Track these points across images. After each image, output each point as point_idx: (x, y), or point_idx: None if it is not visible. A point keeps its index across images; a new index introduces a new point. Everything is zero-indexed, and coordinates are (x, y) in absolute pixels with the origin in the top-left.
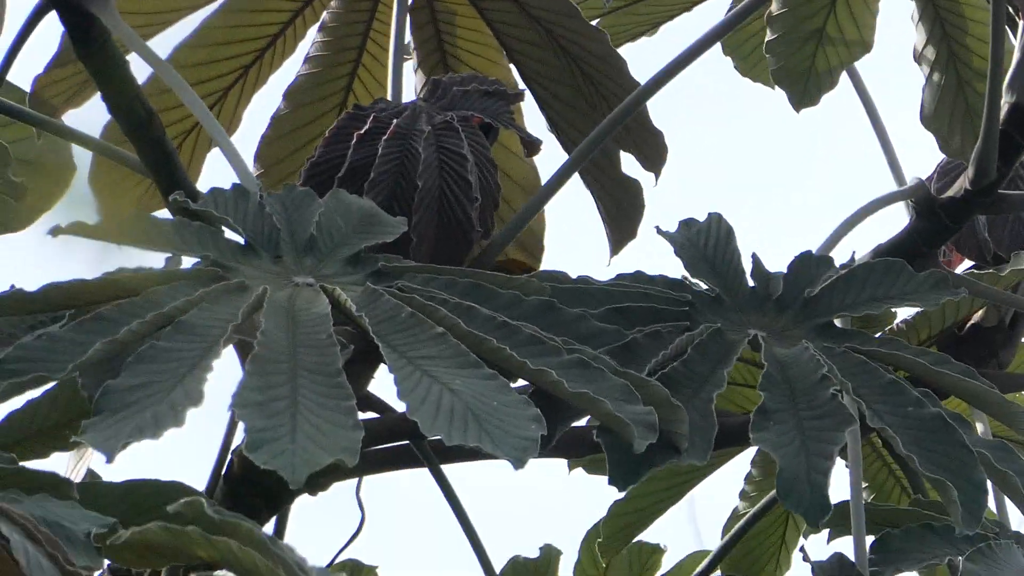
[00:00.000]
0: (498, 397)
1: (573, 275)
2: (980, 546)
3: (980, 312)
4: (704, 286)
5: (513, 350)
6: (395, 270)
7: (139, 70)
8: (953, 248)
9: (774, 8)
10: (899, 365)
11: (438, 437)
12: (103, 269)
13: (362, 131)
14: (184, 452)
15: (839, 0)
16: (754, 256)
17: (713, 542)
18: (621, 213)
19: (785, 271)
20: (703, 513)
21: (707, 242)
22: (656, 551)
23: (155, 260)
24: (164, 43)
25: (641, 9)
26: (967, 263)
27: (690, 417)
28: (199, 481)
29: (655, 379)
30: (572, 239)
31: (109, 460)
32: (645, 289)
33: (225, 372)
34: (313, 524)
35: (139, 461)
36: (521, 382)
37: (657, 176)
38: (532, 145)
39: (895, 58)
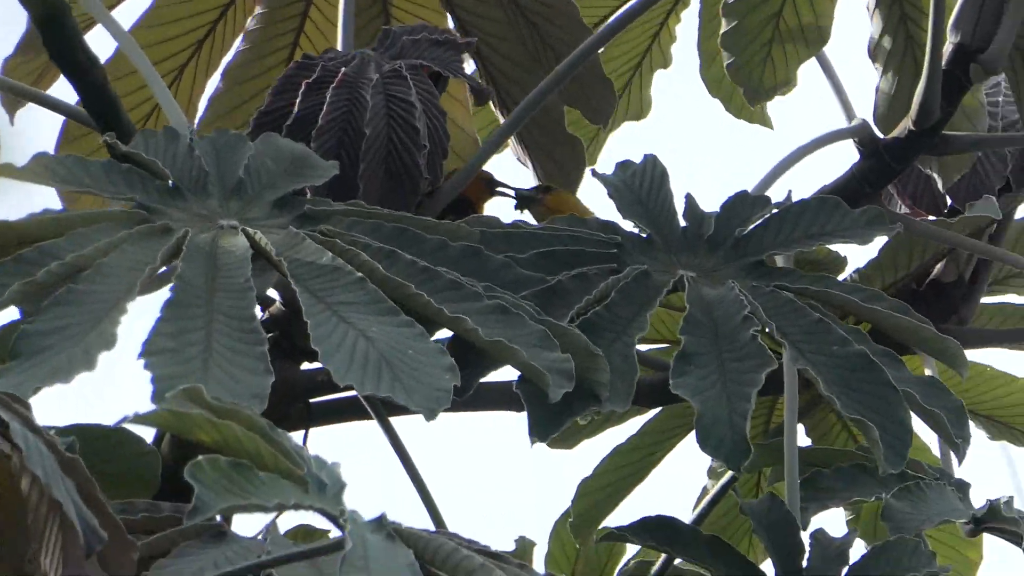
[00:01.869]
0: (413, 345)
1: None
2: (908, 484)
3: (939, 267)
4: (636, 228)
5: (432, 296)
6: (321, 213)
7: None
8: (910, 202)
9: None
10: (829, 301)
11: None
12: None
13: (310, 80)
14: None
15: None
16: (688, 196)
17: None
18: (562, 173)
19: (718, 210)
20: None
21: (641, 184)
22: None
23: None
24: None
25: None
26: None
27: (612, 362)
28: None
29: (577, 324)
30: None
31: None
32: (575, 232)
33: None
34: None
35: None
36: (443, 333)
37: (604, 127)
38: (481, 94)
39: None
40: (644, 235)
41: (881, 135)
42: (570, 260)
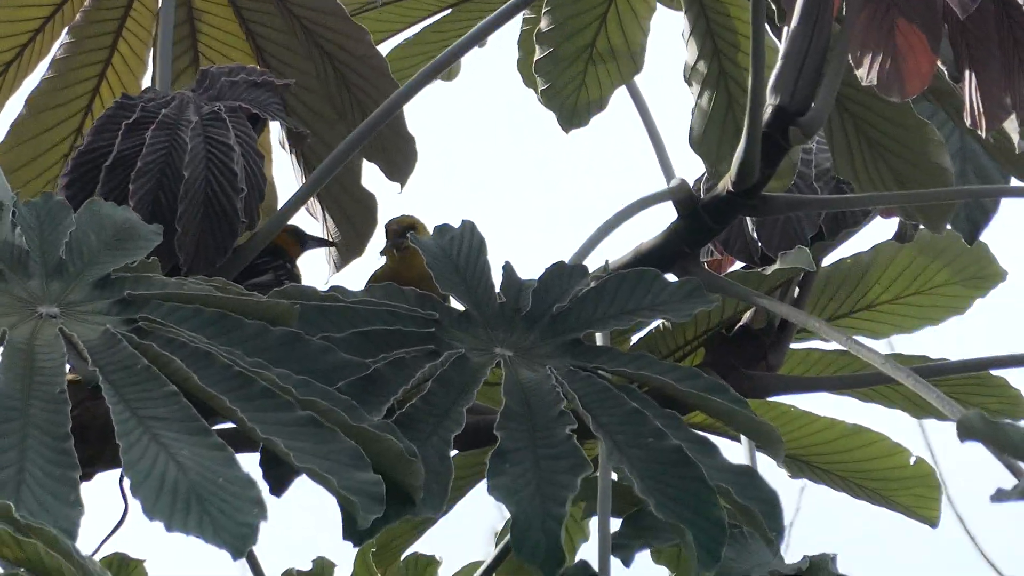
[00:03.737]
0: (224, 473)
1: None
2: (733, 531)
3: (749, 313)
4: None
5: (246, 411)
6: (140, 298)
7: None
8: (722, 248)
9: (543, 25)
10: (646, 382)
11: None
12: None
13: (130, 120)
14: None
15: (609, 14)
16: (506, 266)
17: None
18: (352, 230)
19: (536, 283)
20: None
21: (459, 252)
22: (432, 562)
23: None
24: None
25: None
26: (738, 263)
27: (428, 462)
28: None
29: (396, 417)
30: None
31: None
32: (393, 307)
33: None
34: None
35: None
36: None
37: (403, 185)
38: (299, 136)
39: (672, 69)
40: (461, 310)
41: (699, 193)
42: (388, 340)
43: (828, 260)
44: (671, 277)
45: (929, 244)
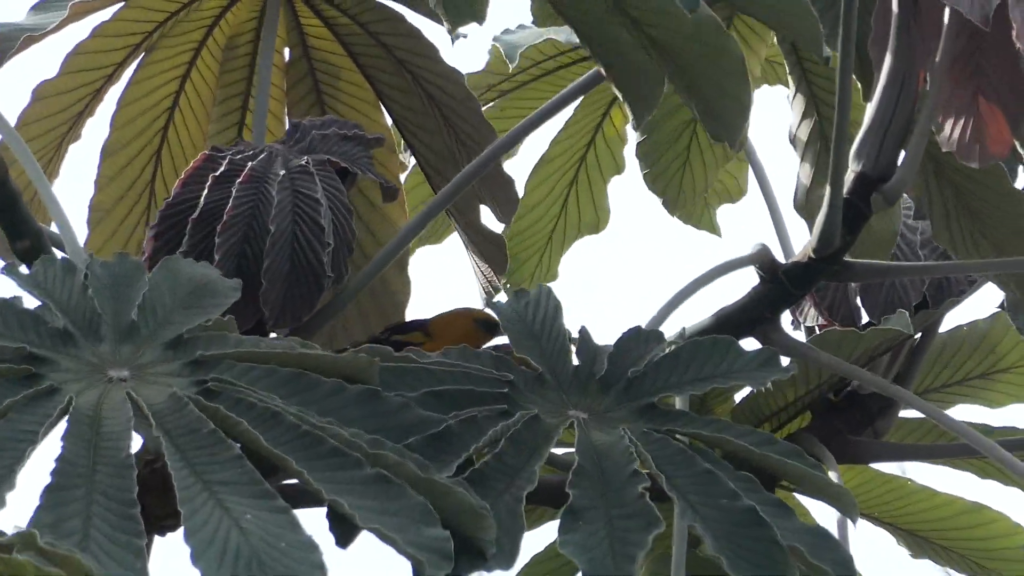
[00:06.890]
0: (287, 536)
1: None
2: None
3: None
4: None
5: (312, 471)
6: (212, 359)
7: None
8: (827, 313)
9: None
10: (722, 447)
11: None
12: None
13: (217, 173)
14: None
15: None
16: (582, 331)
17: None
18: (489, 265)
19: (612, 348)
20: None
21: (535, 316)
22: None
23: None
24: None
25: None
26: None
27: (499, 518)
28: None
29: (467, 474)
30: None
31: None
32: (467, 369)
33: None
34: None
35: None
36: None
37: (508, 226)
38: (390, 192)
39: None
40: (535, 372)
41: (783, 260)
42: (460, 400)
43: (944, 327)
44: (752, 341)
45: None
